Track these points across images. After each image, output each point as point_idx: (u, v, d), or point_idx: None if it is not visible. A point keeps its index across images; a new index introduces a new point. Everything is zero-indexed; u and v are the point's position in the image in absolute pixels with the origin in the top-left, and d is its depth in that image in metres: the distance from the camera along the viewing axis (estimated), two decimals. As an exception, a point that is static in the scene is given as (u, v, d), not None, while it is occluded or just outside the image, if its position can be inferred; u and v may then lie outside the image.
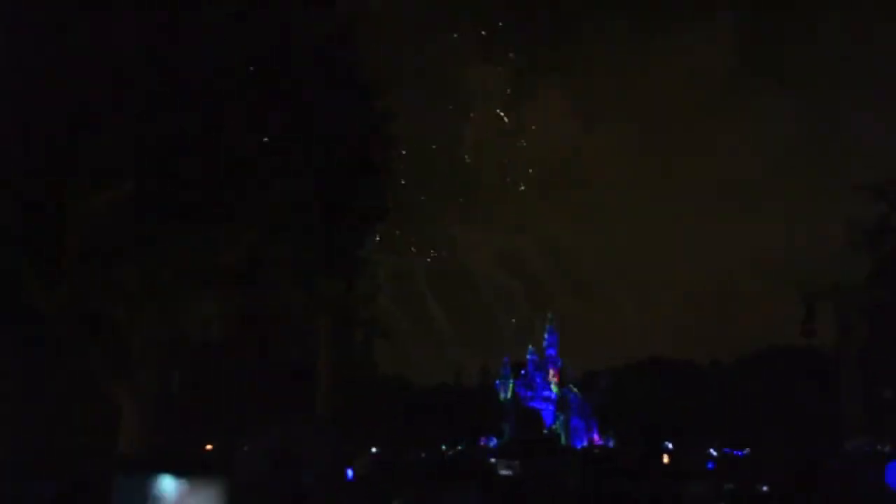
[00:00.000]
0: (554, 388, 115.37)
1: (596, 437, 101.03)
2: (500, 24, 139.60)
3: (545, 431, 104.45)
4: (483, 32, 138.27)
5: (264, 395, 31.00)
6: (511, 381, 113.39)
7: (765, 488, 14.31)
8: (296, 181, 16.80)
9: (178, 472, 11.42)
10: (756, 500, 13.83)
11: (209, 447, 40.68)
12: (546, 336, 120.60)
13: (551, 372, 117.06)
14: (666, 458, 26.97)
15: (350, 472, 16.65)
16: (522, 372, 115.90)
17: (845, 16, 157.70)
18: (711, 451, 50.85)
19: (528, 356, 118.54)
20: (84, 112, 15.24)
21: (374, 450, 51.50)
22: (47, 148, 15.22)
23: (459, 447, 66.02)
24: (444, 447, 61.33)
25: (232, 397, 30.40)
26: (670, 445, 65.55)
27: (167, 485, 11.29)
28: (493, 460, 33.54)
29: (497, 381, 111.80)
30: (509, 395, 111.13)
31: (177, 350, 19.60)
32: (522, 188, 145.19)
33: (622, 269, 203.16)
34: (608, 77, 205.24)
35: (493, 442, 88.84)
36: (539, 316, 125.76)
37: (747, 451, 35.82)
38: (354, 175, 18.23)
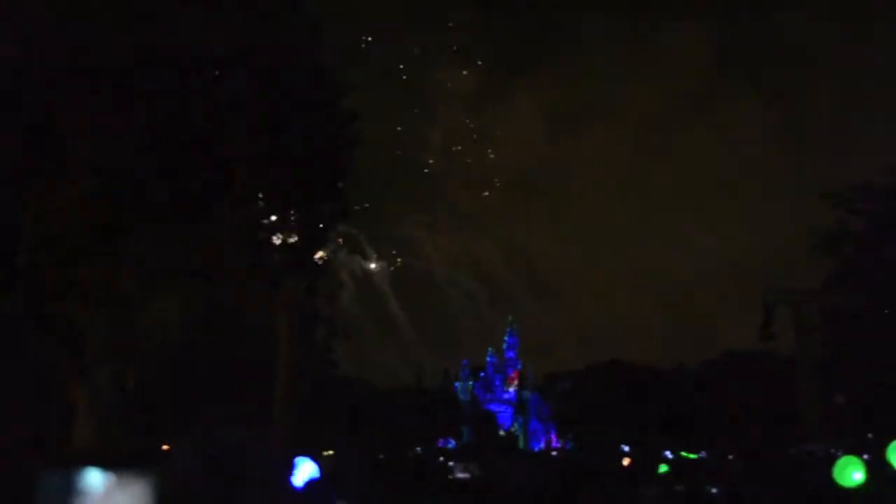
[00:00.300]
0: (513, 390, 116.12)
1: (554, 439, 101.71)
2: (471, 23, 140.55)
3: (502, 433, 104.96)
4: (452, 35, 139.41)
5: (223, 395, 31.06)
6: (470, 383, 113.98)
7: (714, 490, 14.68)
8: (261, 180, 17.03)
9: (104, 467, 11.33)
10: (705, 501, 14.16)
11: (165, 447, 40.55)
12: (506, 338, 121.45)
13: (511, 374, 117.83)
14: (626, 461, 27.17)
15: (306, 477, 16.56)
16: (482, 374, 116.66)
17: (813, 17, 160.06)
18: (667, 453, 51.46)
19: (487, 358, 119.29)
20: (43, 109, 15.29)
21: (330, 452, 51.57)
22: (4, 145, 15.25)
23: (418, 449, 66.19)
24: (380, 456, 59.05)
25: (190, 396, 30.40)
26: (626, 448, 66.24)
27: (93, 479, 11.21)
28: (450, 464, 33.79)
29: (456, 384, 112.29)
30: (468, 397, 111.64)
31: (135, 349, 19.68)
32: (487, 193, 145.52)
33: (587, 273, 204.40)
34: (578, 82, 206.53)
35: (452, 443, 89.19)
36: (500, 318, 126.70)
37: (703, 454, 36.40)
38: (318, 175, 18.44)
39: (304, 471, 11.52)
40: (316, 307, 29.60)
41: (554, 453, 67.10)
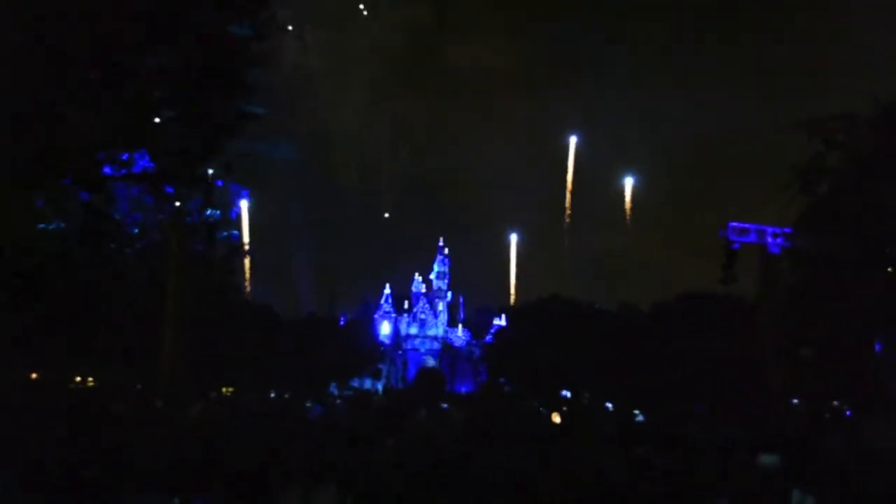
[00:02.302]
0: (440, 325, 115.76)
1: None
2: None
3: (426, 372, 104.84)
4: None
5: (105, 321, 30.42)
6: (393, 315, 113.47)
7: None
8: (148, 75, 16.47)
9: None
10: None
11: (34, 376, 39.83)
12: (436, 265, 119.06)
13: (440, 305, 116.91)
14: (556, 418, 25.77)
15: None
16: (406, 306, 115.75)
17: None
18: (608, 405, 52.08)
19: (412, 288, 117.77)
20: None
21: (230, 389, 51.32)
22: None
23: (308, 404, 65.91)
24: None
25: (67, 320, 29.68)
26: (567, 394, 66.55)
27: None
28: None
29: (375, 315, 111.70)
30: (391, 331, 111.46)
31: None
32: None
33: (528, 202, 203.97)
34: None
35: (368, 384, 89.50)
36: (430, 241, 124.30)
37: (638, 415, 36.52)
38: (211, 83, 18.06)
39: None
40: (214, 222, 29.05)
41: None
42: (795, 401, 38.66)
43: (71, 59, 15.70)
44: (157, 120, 17.75)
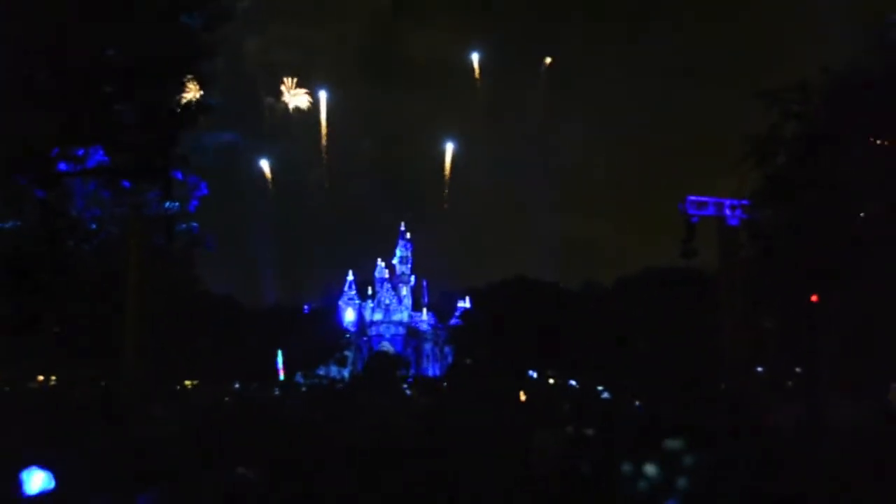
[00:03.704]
0: (405, 310, 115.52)
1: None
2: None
3: (388, 356, 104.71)
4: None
5: (62, 319, 30.29)
6: (357, 301, 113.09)
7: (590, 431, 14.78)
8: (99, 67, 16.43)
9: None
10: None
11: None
12: (398, 250, 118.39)
13: (404, 290, 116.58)
14: (522, 396, 26.26)
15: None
16: (370, 292, 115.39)
17: None
18: (572, 382, 52.57)
19: (375, 273, 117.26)
20: None
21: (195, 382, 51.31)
22: None
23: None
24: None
25: (27, 319, 29.52)
26: (535, 374, 67.02)
27: None
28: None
29: (339, 302, 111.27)
30: (355, 318, 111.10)
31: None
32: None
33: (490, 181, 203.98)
34: None
35: (334, 372, 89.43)
36: (393, 225, 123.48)
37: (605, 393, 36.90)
38: (162, 74, 18.06)
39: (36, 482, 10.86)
40: (173, 215, 28.99)
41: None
42: (759, 369, 39.28)
43: (19, 54, 15.65)
44: (110, 114, 17.73)
